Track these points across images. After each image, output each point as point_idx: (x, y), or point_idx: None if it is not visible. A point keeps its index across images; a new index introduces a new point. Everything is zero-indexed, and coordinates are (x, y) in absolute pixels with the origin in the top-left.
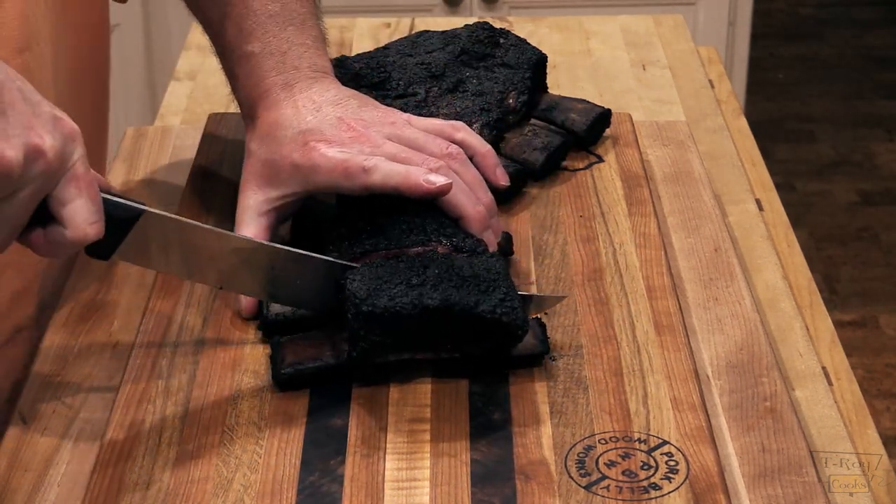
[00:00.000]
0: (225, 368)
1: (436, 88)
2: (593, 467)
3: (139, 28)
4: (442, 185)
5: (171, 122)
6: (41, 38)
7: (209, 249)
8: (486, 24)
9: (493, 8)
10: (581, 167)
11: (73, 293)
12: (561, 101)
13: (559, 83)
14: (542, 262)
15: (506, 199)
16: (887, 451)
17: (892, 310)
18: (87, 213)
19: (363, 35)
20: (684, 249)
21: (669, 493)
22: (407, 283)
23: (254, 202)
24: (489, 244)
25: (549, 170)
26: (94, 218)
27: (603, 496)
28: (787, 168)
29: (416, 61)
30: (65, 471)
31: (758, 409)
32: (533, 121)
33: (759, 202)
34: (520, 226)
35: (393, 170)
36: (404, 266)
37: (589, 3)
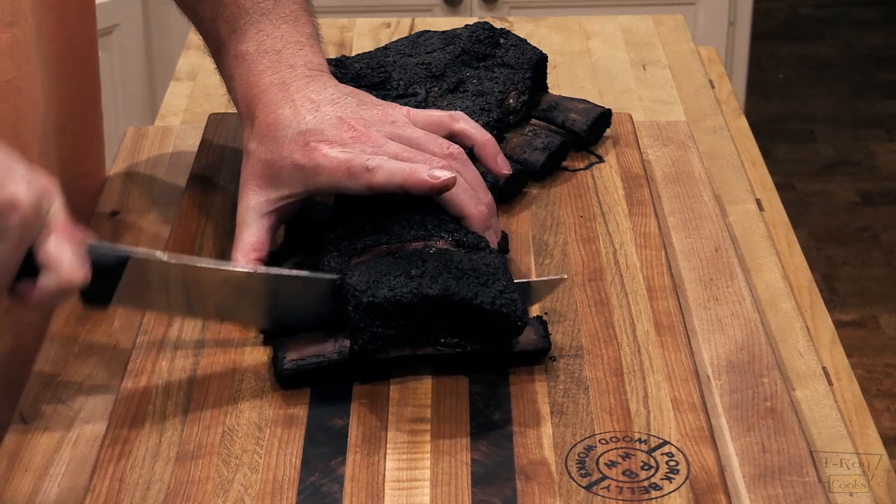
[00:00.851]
0: (225, 368)
1: (436, 88)
2: (594, 467)
3: (139, 28)
4: (447, 180)
5: (171, 122)
6: (27, 13)
7: (201, 284)
8: (486, 24)
9: (493, 8)
10: (581, 167)
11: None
12: (561, 102)
13: (559, 83)
14: (543, 262)
15: (506, 199)
16: (887, 451)
17: (892, 310)
18: (70, 259)
19: (363, 35)
20: (684, 249)
21: (670, 493)
22: (406, 274)
23: (255, 203)
24: (490, 243)
25: (549, 170)
26: (77, 263)
27: (603, 496)
28: (787, 168)
29: (417, 61)
30: (65, 471)
31: (758, 410)
32: (533, 121)
33: (759, 202)
34: (520, 226)
35: (397, 167)
36: (403, 260)
37: (589, 3)
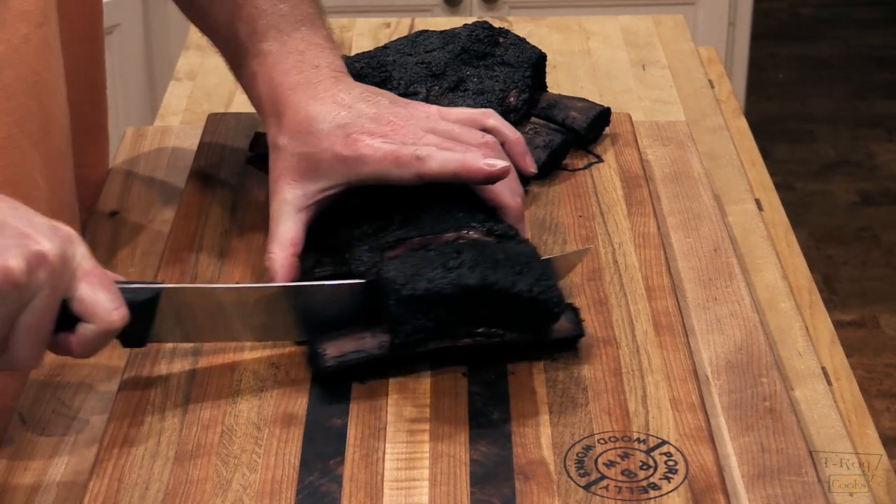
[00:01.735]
0: (224, 368)
1: (437, 87)
2: (592, 467)
3: (139, 28)
4: (503, 168)
5: (171, 122)
6: (54, 11)
7: (235, 306)
8: (485, 23)
9: (493, 8)
10: (580, 167)
11: None
12: (560, 100)
13: (559, 83)
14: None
15: None
16: (887, 451)
17: (892, 310)
18: (106, 302)
19: (363, 35)
20: (683, 249)
21: (668, 493)
22: (444, 265)
23: (292, 197)
24: (523, 233)
25: (550, 168)
26: (114, 305)
27: (602, 496)
28: (787, 168)
29: (417, 60)
30: (65, 471)
31: (757, 409)
32: (533, 119)
33: (758, 202)
34: None
35: (450, 156)
36: (437, 253)
37: (589, 3)
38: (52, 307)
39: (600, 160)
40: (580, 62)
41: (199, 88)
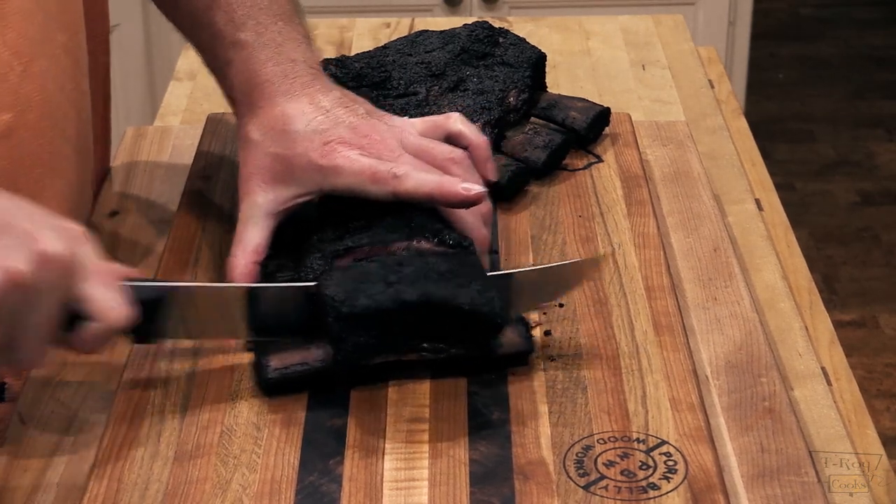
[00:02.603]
0: (223, 369)
1: (436, 87)
2: (592, 467)
3: (139, 28)
4: (478, 193)
5: (170, 122)
6: (82, 14)
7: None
8: (484, 23)
9: (493, 8)
10: (580, 167)
11: None
12: (560, 100)
13: (559, 83)
14: (541, 261)
15: (507, 198)
16: (887, 451)
17: (892, 310)
18: (110, 300)
19: (363, 35)
20: (683, 249)
21: (668, 492)
22: (384, 280)
23: (263, 201)
24: (483, 262)
25: (550, 168)
26: (117, 303)
27: (601, 496)
28: (787, 168)
29: (416, 60)
30: (64, 471)
31: (757, 409)
32: (533, 119)
33: (758, 202)
34: (518, 225)
35: (426, 178)
36: (378, 266)
37: (589, 3)
38: (57, 307)
39: (600, 160)
40: (580, 62)
41: (199, 88)
